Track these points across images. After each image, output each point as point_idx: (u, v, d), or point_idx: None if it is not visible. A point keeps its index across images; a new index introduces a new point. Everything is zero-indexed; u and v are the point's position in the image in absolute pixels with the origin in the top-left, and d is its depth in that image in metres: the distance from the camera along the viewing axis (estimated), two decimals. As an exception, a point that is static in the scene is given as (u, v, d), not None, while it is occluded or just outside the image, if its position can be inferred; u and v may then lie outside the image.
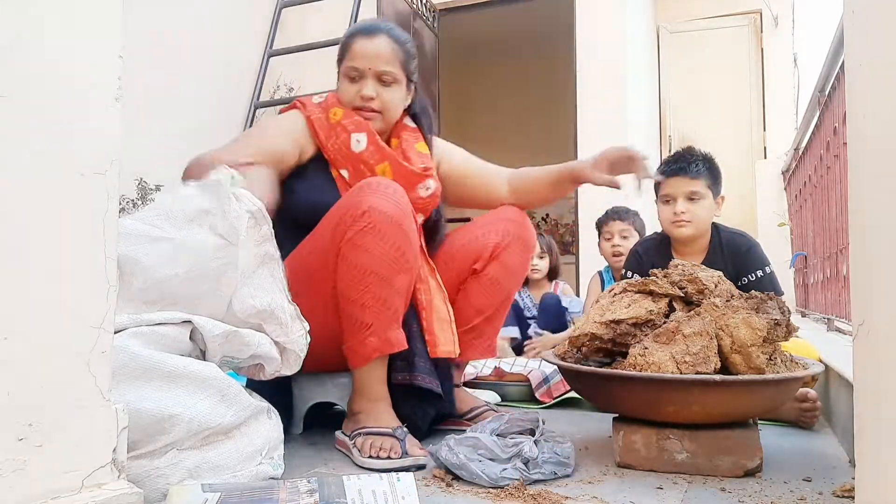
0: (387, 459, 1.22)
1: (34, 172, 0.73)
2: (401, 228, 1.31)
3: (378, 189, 1.32)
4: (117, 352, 0.92)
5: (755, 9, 5.47)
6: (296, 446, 1.38)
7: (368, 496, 0.92)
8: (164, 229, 1.05)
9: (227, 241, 1.06)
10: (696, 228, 1.87)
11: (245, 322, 1.09)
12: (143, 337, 0.97)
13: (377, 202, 1.30)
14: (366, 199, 1.30)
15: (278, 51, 3.86)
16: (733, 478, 1.18)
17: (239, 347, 1.08)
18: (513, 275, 1.60)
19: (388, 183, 1.35)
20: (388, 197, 1.31)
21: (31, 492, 0.71)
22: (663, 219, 1.93)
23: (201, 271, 1.05)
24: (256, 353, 1.10)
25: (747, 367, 1.21)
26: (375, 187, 1.33)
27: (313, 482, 0.95)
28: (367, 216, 1.28)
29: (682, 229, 1.87)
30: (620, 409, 1.32)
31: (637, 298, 1.36)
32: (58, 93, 0.75)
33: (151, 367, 0.95)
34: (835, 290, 2.76)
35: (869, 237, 0.72)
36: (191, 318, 1.02)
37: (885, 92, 0.68)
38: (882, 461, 0.67)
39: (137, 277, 1.02)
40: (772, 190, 4.99)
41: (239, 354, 1.09)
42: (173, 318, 1.01)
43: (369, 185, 1.33)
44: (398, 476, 0.97)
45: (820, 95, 3.04)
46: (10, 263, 0.70)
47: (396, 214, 1.31)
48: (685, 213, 1.85)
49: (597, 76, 4.17)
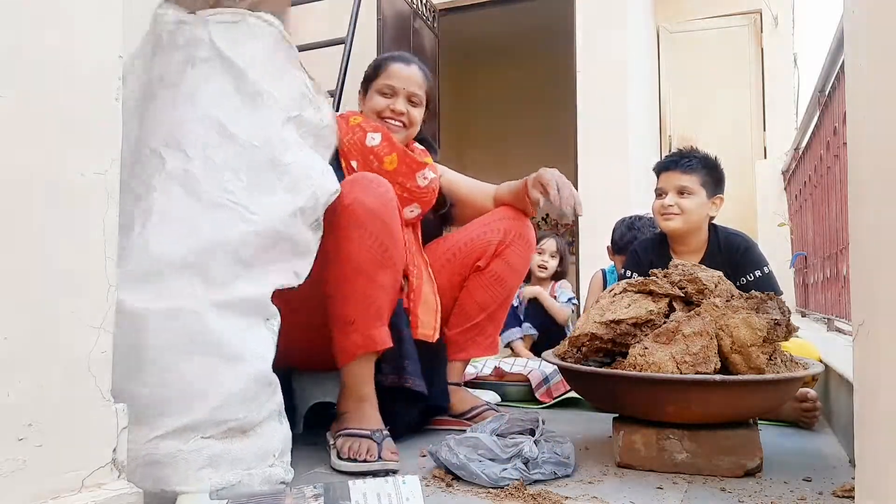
0: (362, 462, 1.23)
1: (34, 172, 0.73)
2: (384, 223, 1.32)
3: (363, 182, 1.34)
4: (186, 317, 0.98)
5: (755, 9, 5.46)
6: (295, 446, 1.38)
7: (373, 499, 0.92)
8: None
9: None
10: (684, 222, 1.88)
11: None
12: (225, 310, 1.01)
13: (361, 195, 1.31)
14: (350, 192, 1.31)
15: (278, 51, 3.86)
16: (733, 478, 1.18)
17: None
18: (515, 272, 1.66)
19: (374, 178, 1.36)
20: (373, 190, 1.32)
21: (31, 492, 0.71)
22: (654, 211, 1.96)
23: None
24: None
25: (747, 367, 1.21)
26: (361, 180, 1.34)
27: (319, 487, 0.95)
28: (350, 208, 1.29)
29: (669, 222, 1.88)
30: (620, 409, 1.32)
31: (637, 298, 1.36)
32: (58, 93, 0.75)
33: (213, 344, 0.99)
34: (835, 290, 2.76)
35: (869, 237, 0.72)
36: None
37: (885, 92, 0.68)
38: (882, 461, 0.67)
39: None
40: (772, 190, 4.99)
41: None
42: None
43: (356, 180, 1.35)
44: (403, 479, 0.97)
45: (820, 95, 3.04)
46: (11, 263, 0.70)
47: (378, 208, 1.31)
48: (672, 206, 1.87)
49: (597, 76, 4.17)
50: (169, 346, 0.97)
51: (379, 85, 1.66)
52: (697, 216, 1.89)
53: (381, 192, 1.34)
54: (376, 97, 1.66)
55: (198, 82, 1.14)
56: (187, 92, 1.13)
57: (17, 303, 0.71)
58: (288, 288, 1.13)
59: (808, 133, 3.55)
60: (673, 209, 1.88)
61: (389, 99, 1.64)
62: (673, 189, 1.89)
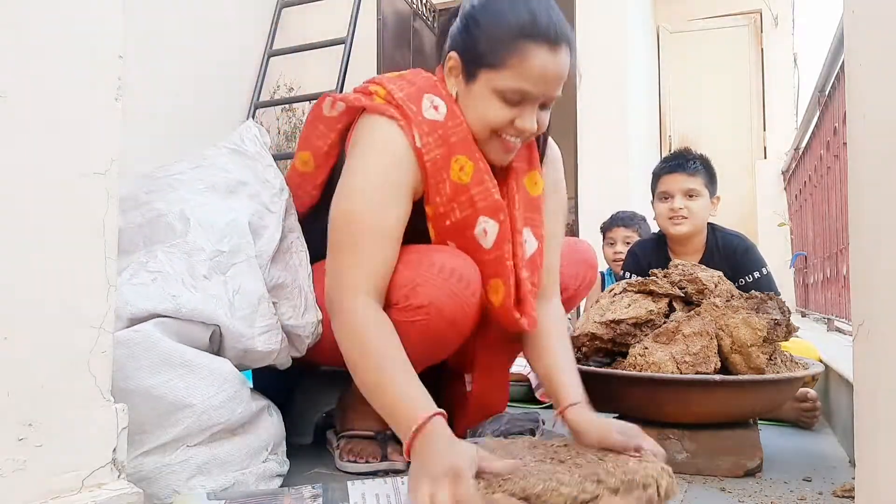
0: (365, 463, 1.22)
1: (34, 172, 0.73)
2: (457, 331, 1.13)
3: (443, 279, 1.08)
4: (142, 337, 0.95)
5: (755, 9, 5.47)
6: (296, 446, 1.38)
7: (371, 499, 0.92)
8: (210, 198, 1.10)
9: (266, 209, 1.11)
10: (693, 226, 1.87)
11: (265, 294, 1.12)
12: (166, 327, 0.98)
13: (440, 300, 1.07)
14: (425, 290, 1.07)
15: (278, 51, 3.86)
16: (733, 478, 1.18)
17: (252, 360, 1.10)
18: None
19: (458, 271, 1.09)
20: (454, 296, 1.08)
21: (31, 492, 0.71)
22: (660, 215, 1.93)
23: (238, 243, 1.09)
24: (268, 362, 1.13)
25: (747, 368, 1.21)
26: (438, 273, 1.08)
27: (317, 487, 0.95)
28: (424, 311, 1.07)
29: (680, 226, 1.87)
30: (620, 409, 1.32)
31: (637, 298, 1.36)
32: (58, 93, 0.75)
33: (172, 356, 0.96)
34: (835, 290, 2.76)
35: (869, 237, 0.72)
36: (219, 325, 1.03)
37: (885, 92, 0.68)
38: (882, 461, 0.67)
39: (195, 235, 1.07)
40: (772, 190, 4.99)
41: (252, 365, 1.10)
42: (203, 318, 1.02)
43: (433, 269, 1.08)
44: (402, 479, 0.96)
45: (820, 95, 3.04)
46: (11, 263, 0.70)
47: (459, 317, 1.10)
48: (682, 209, 1.86)
49: (597, 76, 4.16)
50: (133, 367, 0.95)
51: (505, 83, 1.07)
52: (704, 218, 1.89)
53: (466, 295, 1.09)
54: (495, 102, 1.08)
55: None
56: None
57: (17, 302, 0.71)
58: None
59: (808, 133, 3.55)
60: (683, 212, 1.86)
61: (515, 108, 1.09)
62: (680, 192, 1.87)
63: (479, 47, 1.09)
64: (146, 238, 1.09)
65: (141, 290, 0.99)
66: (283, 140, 3.90)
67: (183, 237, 1.06)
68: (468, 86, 1.12)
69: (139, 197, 1.14)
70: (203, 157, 1.21)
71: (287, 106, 3.91)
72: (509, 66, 1.06)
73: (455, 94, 1.14)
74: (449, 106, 1.12)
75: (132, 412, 0.86)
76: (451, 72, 1.14)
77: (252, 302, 1.07)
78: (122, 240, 1.09)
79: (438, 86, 1.15)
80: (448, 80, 1.15)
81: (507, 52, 1.06)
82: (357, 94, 1.17)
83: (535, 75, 1.06)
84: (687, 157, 1.92)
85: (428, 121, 1.10)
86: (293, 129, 3.89)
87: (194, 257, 1.05)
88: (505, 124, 1.10)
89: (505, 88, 1.07)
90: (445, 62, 1.14)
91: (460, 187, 1.11)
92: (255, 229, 1.13)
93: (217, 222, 1.09)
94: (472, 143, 1.12)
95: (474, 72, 1.10)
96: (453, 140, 1.11)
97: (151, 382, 0.94)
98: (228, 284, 1.06)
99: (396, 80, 1.15)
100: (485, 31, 1.08)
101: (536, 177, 1.23)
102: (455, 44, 1.13)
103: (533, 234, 1.19)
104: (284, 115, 3.96)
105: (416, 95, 1.12)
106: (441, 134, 1.10)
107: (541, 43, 1.06)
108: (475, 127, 1.12)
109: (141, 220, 1.10)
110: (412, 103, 1.11)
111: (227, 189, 1.15)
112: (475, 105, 1.11)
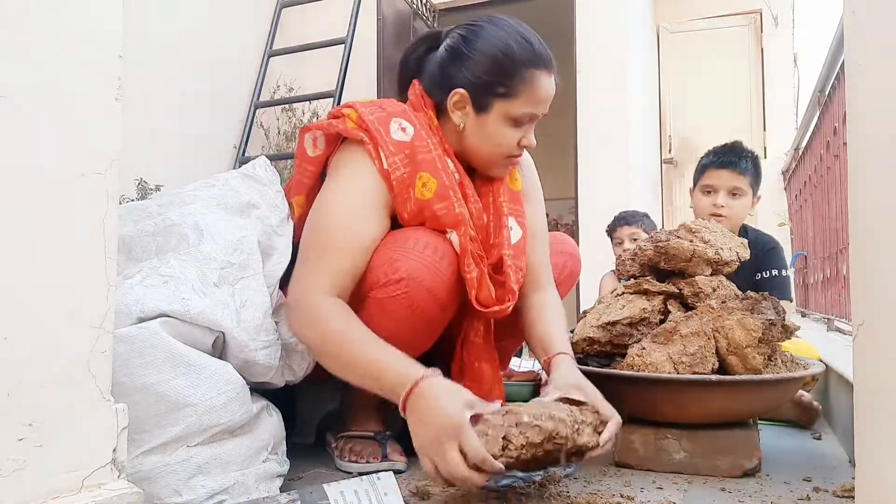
0: (366, 463, 1.22)
1: (34, 172, 0.73)
2: (438, 302, 1.15)
3: (418, 252, 1.13)
4: (148, 334, 0.95)
5: (755, 9, 5.46)
6: (296, 446, 1.38)
7: (351, 496, 0.93)
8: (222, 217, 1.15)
9: (275, 231, 1.15)
10: (731, 224, 1.81)
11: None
12: (171, 327, 0.99)
13: (417, 271, 1.11)
14: (403, 264, 1.11)
15: (278, 51, 3.86)
16: (732, 478, 1.18)
17: (251, 374, 1.10)
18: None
19: (431, 244, 1.14)
20: (430, 266, 1.13)
21: (31, 492, 0.71)
22: (700, 208, 1.87)
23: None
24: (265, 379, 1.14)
25: (744, 368, 1.21)
26: (413, 247, 1.13)
27: (293, 493, 0.96)
28: (403, 284, 1.11)
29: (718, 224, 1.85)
30: (618, 409, 1.31)
31: (632, 299, 1.37)
32: (58, 93, 0.75)
33: (176, 355, 0.97)
34: (835, 290, 2.76)
35: (869, 237, 0.72)
36: (224, 332, 1.04)
37: (885, 92, 0.68)
38: (882, 461, 0.67)
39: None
40: (772, 190, 4.99)
41: (249, 379, 1.10)
42: (210, 322, 1.03)
43: (408, 243, 1.13)
44: (378, 475, 0.97)
45: (820, 95, 3.04)
46: (11, 263, 0.70)
47: (437, 286, 1.14)
48: (724, 206, 1.80)
49: (597, 76, 4.16)
50: (138, 364, 0.95)
51: (520, 110, 1.18)
52: (742, 217, 1.83)
53: (441, 266, 1.13)
54: (506, 126, 1.19)
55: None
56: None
57: (17, 302, 0.71)
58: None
59: (808, 133, 3.55)
60: (724, 211, 1.80)
61: (520, 129, 1.20)
62: (726, 189, 1.80)
63: (488, 80, 1.17)
64: (159, 246, 1.11)
65: (152, 291, 1.00)
66: (283, 140, 3.90)
67: (196, 246, 1.09)
68: (480, 117, 1.19)
69: (151, 209, 1.17)
70: (215, 178, 1.26)
71: (287, 106, 3.90)
72: (522, 94, 1.17)
73: (461, 125, 1.21)
74: (416, 130, 1.19)
75: (133, 409, 0.87)
76: (455, 106, 1.21)
77: (257, 316, 1.09)
78: (135, 247, 1.11)
79: (408, 111, 1.22)
80: (454, 115, 1.21)
81: (520, 81, 1.16)
82: (330, 119, 1.23)
83: (541, 98, 1.19)
84: (739, 155, 1.83)
85: (395, 141, 1.16)
86: (293, 129, 3.89)
87: (206, 266, 1.07)
88: (515, 145, 1.21)
89: (519, 115, 1.18)
90: (448, 97, 1.20)
91: (423, 203, 1.16)
92: (263, 249, 1.16)
93: (229, 236, 1.12)
94: (438, 162, 1.17)
95: (487, 103, 1.18)
96: (419, 158, 1.16)
97: (154, 379, 0.94)
98: (236, 296, 1.08)
99: (369, 105, 1.22)
100: (493, 65, 1.17)
101: (515, 174, 1.33)
102: (455, 79, 1.20)
103: (517, 223, 1.26)
104: (284, 115, 3.96)
105: (385, 119, 1.18)
106: (408, 153, 1.16)
107: (542, 69, 1.18)
108: (492, 154, 1.22)
109: (154, 229, 1.12)
110: (381, 126, 1.17)
111: (238, 209, 1.19)
112: (490, 134, 1.20)
